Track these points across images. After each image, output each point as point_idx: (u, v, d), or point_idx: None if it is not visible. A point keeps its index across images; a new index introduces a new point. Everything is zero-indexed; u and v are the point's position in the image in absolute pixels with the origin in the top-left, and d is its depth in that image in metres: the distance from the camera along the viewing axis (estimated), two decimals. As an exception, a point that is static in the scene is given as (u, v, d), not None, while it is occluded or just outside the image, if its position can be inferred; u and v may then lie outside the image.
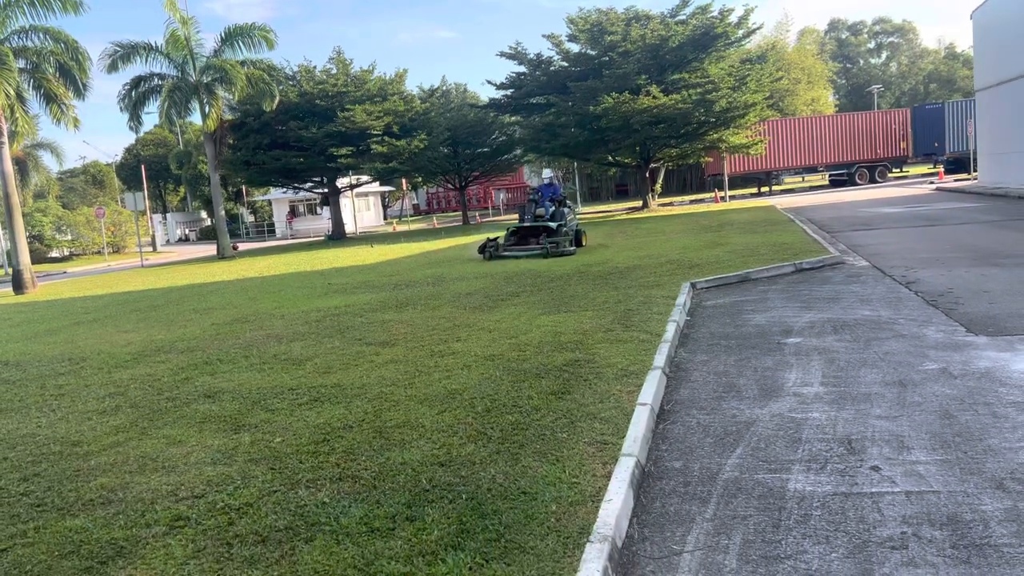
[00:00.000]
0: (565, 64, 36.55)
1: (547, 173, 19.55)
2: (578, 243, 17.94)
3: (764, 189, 46.73)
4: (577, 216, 20.36)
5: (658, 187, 44.58)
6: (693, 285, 10.99)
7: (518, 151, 44.58)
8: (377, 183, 49.05)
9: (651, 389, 5.70)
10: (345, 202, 45.34)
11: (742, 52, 38.92)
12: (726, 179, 41.33)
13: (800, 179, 52.54)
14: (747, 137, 37.82)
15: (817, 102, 61.82)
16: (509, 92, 38.84)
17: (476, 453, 4.68)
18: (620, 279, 12.13)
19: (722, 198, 39.70)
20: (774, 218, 22.66)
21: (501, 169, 46.34)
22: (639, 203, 40.12)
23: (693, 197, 47.38)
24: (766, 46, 51.08)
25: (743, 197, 42.12)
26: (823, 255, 12.72)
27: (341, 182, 41.79)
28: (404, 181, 49.42)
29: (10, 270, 24.59)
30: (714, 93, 32.59)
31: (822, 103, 62.92)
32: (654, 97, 32.36)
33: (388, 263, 19.91)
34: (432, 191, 69.18)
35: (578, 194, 50.24)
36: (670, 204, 42.13)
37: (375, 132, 35.65)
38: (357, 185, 44.45)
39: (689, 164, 48.91)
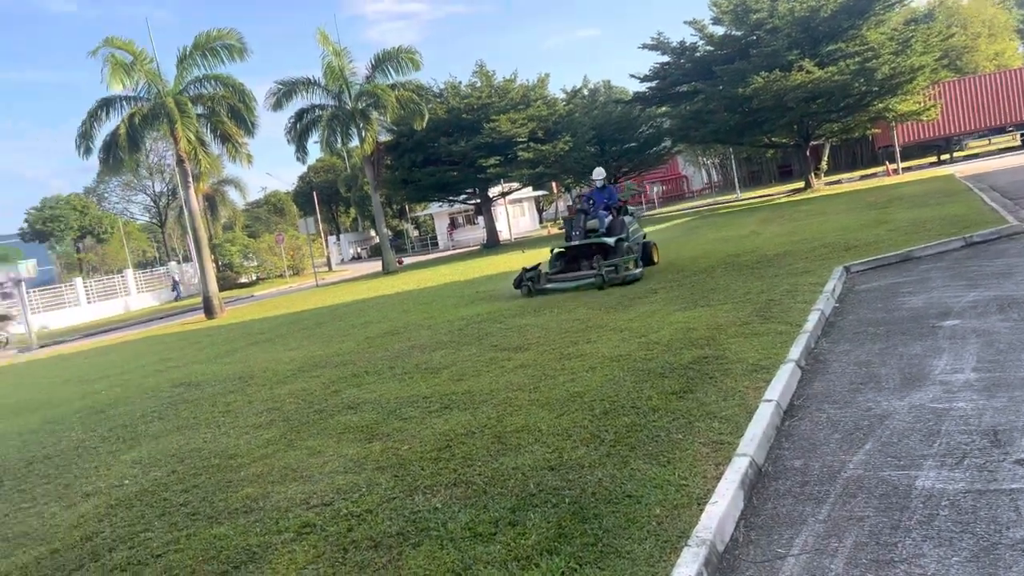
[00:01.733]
0: (710, 48, 35.43)
1: (599, 173, 15.20)
2: (647, 260, 14.23)
3: (944, 157, 42.84)
4: (641, 224, 15.55)
5: (823, 165, 42.10)
6: (847, 269, 10.31)
7: (667, 142, 43.70)
8: (529, 188, 49.79)
9: (780, 384, 5.42)
10: (500, 210, 46.39)
11: (907, 12, 35.99)
12: (897, 150, 38.34)
13: (987, 142, 47.76)
14: (917, 103, 34.86)
15: (1002, 56, 55.83)
16: (654, 83, 38.18)
17: (586, 456, 4.65)
18: (767, 267, 11.59)
19: (894, 171, 36.84)
20: (950, 188, 20.76)
21: (651, 162, 45.65)
22: (802, 184, 38.08)
23: (863, 173, 44.24)
24: (935, 2, 46.90)
25: (920, 168, 38.84)
26: (999, 225, 11.49)
27: (492, 191, 42.81)
28: (554, 184, 49.79)
29: (202, 298, 27.15)
30: (875, 60, 30.35)
31: (1008, 56, 56.77)
32: (808, 72, 30.65)
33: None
34: (584, 191, 69.27)
35: (736, 180, 48.39)
36: (837, 182, 39.64)
37: (520, 139, 36.23)
38: (508, 193, 45.35)
39: (856, 138, 45.79)
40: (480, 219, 49.48)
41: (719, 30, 35.33)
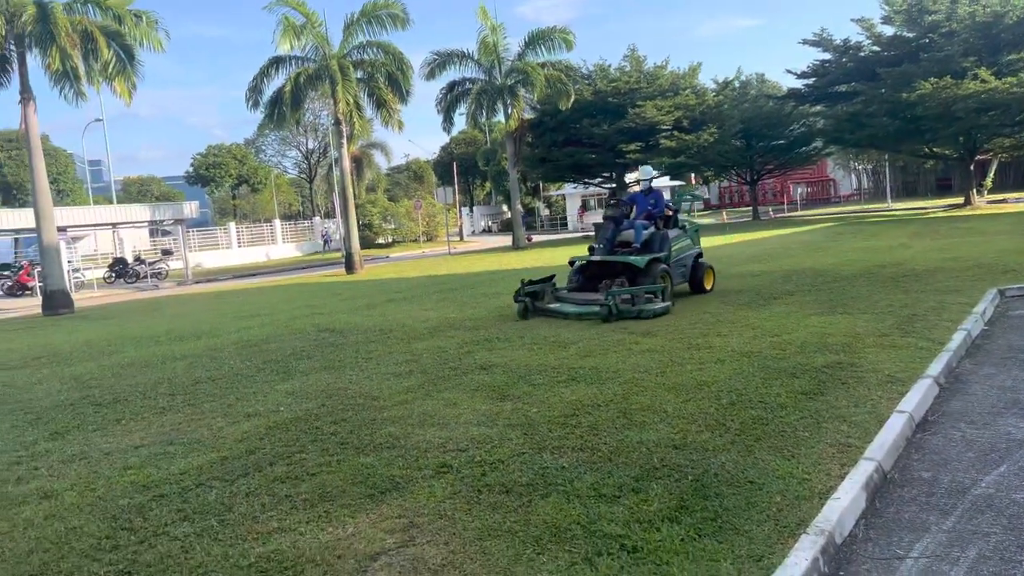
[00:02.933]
0: (876, 49, 33.71)
1: (646, 172, 12.45)
2: (696, 286, 11.73)
3: None
4: (698, 239, 12.38)
5: (988, 182, 39.31)
6: (1001, 292, 9.80)
7: (818, 143, 41.95)
8: (667, 178, 49.13)
9: (916, 397, 5.36)
10: (634, 197, 46.03)
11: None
12: (1077, 172, 35.19)
13: None
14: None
15: None
16: (811, 81, 36.75)
17: (711, 441, 4.82)
18: (914, 282, 11.16)
19: (1070, 195, 33.89)
20: None
21: (798, 162, 43.94)
22: (961, 199, 35.71)
23: (1033, 193, 40.94)
24: None
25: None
26: None
27: (629, 177, 42.54)
28: (693, 176, 48.88)
29: (344, 254, 28.67)
30: (1063, 73, 27.98)
31: None
32: (983, 81, 28.63)
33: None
34: (723, 185, 67.52)
35: (888, 190, 45.89)
36: (1002, 201, 36.92)
37: (664, 127, 35.84)
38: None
39: (1029, 155, 42.35)
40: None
41: (888, 30, 33.55)
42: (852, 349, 7.05)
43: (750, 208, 47.74)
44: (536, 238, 44.82)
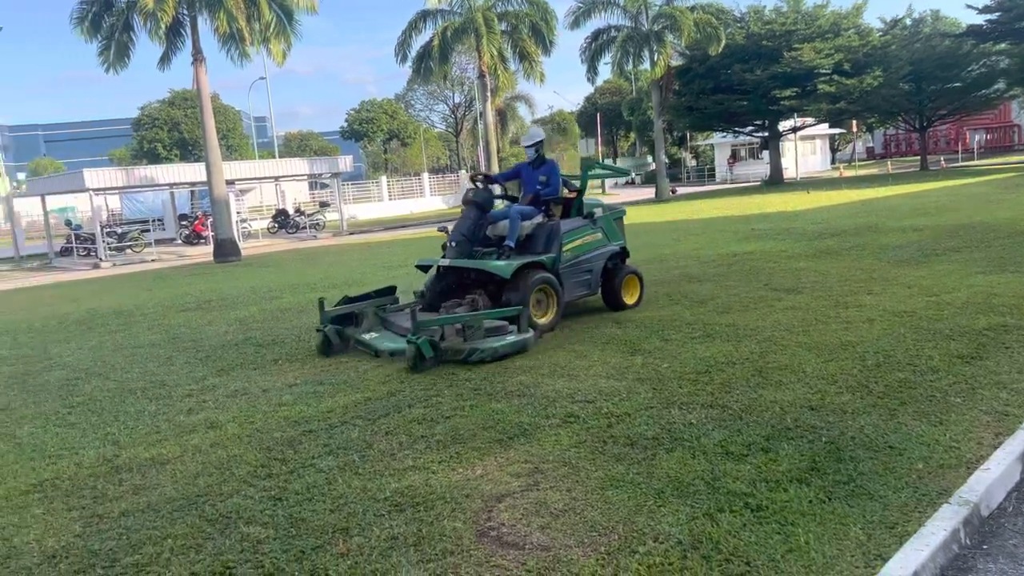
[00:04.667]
0: (1076, -25, 29.88)
1: (534, 134, 8.52)
2: (611, 299, 8.31)
3: None
4: (619, 231, 8.65)
5: None
6: None
7: (1000, 85, 38.02)
8: (825, 125, 46.28)
9: (1092, 366, 4.88)
10: (788, 146, 43.80)
11: None
12: None
13: None
14: None
15: None
16: (995, 16, 33.22)
17: (850, 403, 4.61)
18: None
19: None
20: None
21: (975, 107, 40.09)
22: None
23: None
24: None
25: None
26: None
27: (783, 125, 40.40)
28: (854, 123, 45.70)
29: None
30: None
31: None
32: None
33: (819, 210, 19.06)
34: (889, 133, 62.76)
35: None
36: None
37: (823, 71, 33.62)
38: (800, 128, 42.53)
39: None
40: (765, 154, 47.08)
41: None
42: (1022, 311, 6.47)
43: (918, 158, 44.18)
44: (681, 190, 43.64)
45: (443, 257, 7.82)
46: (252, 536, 3.52)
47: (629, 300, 8.33)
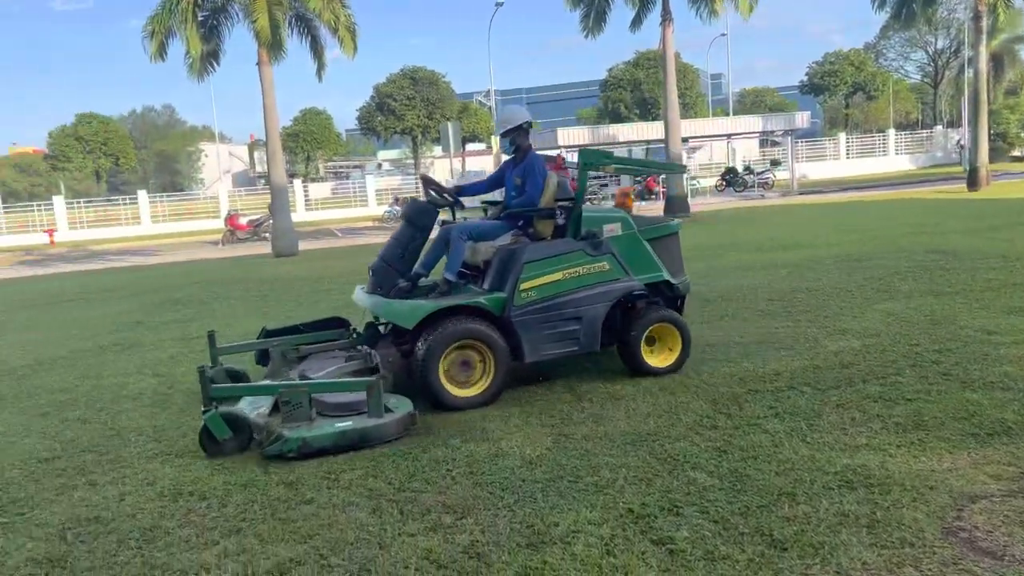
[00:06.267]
0: None
1: (512, 114, 5.80)
2: (630, 360, 5.56)
3: None
4: (648, 258, 5.61)
5: None
6: None
7: None
8: None
9: None
10: None
11: None
12: None
13: None
14: None
15: None
16: None
17: None
18: None
19: None
20: None
21: None
22: None
23: None
24: None
25: None
26: None
27: None
28: None
29: (967, 167, 25.38)
30: None
31: None
32: None
33: None
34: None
35: None
36: None
37: None
38: None
39: None
40: None
41: None
42: None
43: None
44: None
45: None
46: (699, 482, 3.68)
47: (658, 362, 5.60)
